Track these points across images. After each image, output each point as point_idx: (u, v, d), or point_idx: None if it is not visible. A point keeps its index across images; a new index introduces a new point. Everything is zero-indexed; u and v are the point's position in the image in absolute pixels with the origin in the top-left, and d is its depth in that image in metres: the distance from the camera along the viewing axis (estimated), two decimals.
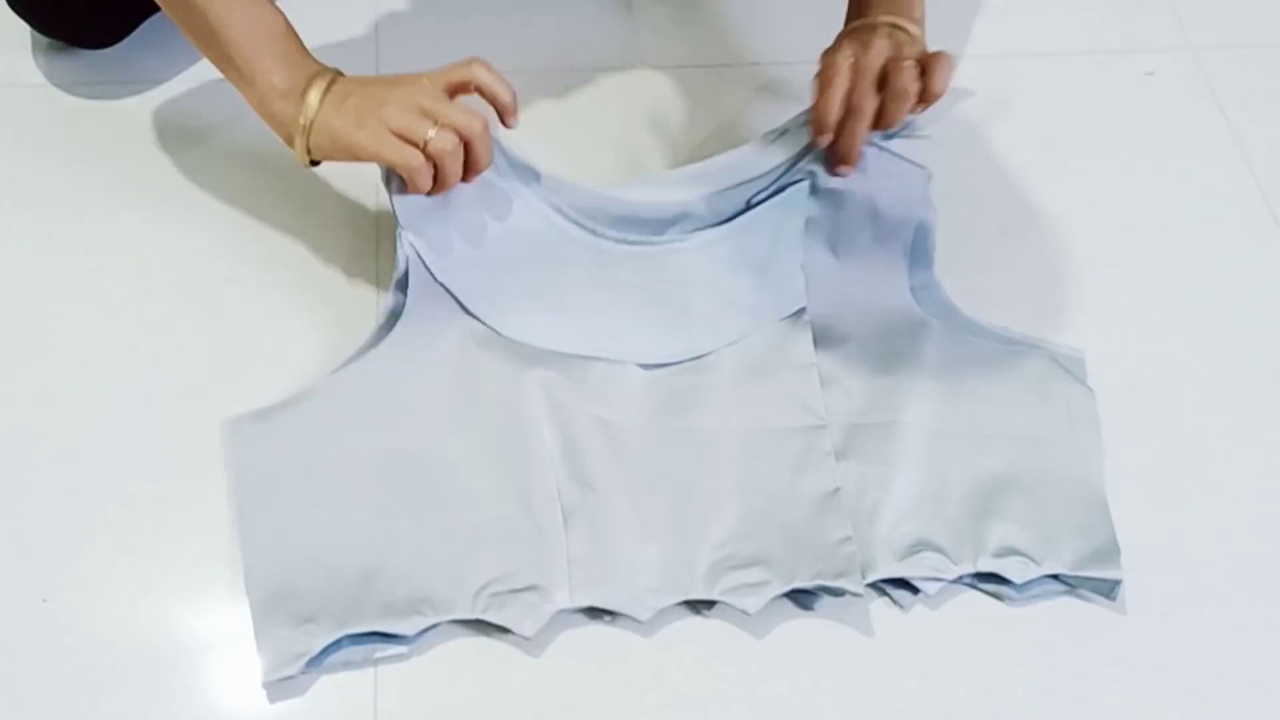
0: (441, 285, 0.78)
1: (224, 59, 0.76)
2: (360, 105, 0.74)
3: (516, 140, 0.92)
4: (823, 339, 0.82)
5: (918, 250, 0.84)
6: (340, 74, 0.77)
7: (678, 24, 0.89)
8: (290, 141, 0.76)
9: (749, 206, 0.84)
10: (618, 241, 0.82)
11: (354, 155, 0.74)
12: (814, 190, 0.83)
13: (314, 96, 0.74)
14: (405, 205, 0.76)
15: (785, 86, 0.96)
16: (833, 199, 0.83)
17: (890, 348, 0.82)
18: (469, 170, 0.75)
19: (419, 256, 0.77)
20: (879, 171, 0.83)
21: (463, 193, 0.77)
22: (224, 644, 0.72)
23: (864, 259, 0.84)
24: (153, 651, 0.72)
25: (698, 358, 0.80)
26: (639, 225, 0.83)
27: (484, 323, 0.79)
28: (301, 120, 0.74)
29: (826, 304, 0.83)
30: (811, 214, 0.83)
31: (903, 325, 0.83)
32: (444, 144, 0.72)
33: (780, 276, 0.83)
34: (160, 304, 0.84)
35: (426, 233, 0.77)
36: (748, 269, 0.83)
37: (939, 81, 0.78)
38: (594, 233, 0.82)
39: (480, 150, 0.74)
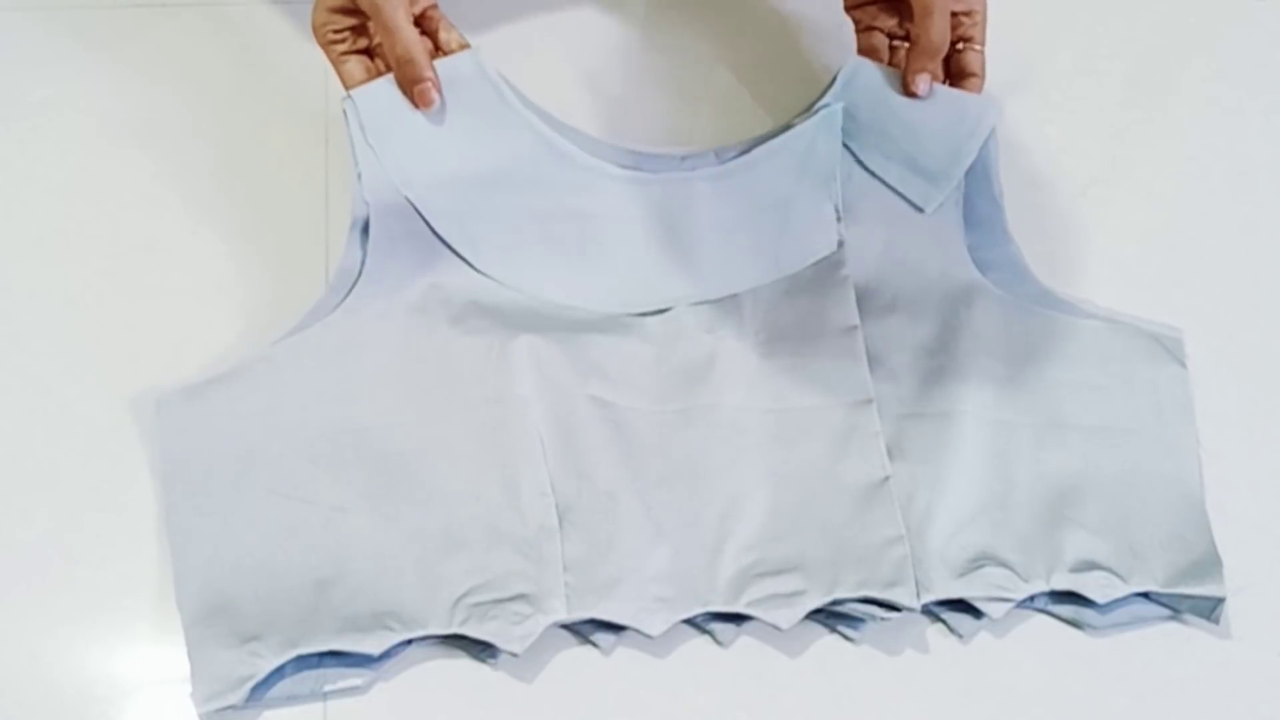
0: (406, 200, 0.72)
1: None
2: None
3: None
4: (865, 309, 0.75)
5: (977, 196, 0.77)
6: None
7: (680, 24, 0.87)
8: None
9: (758, 143, 0.78)
10: (615, 164, 0.76)
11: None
12: (849, 117, 0.77)
13: None
14: (366, 108, 0.71)
15: (788, 84, 0.91)
16: (873, 129, 0.77)
17: (945, 321, 0.75)
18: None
19: (377, 166, 0.71)
20: (932, 102, 0.77)
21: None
22: (153, 685, 0.66)
23: (912, 208, 0.77)
24: (66, 698, 0.66)
25: (712, 302, 0.74)
26: (638, 158, 0.77)
27: (454, 250, 0.72)
28: None
29: (867, 265, 0.76)
30: (848, 143, 0.77)
31: (959, 293, 0.76)
32: None
33: (807, 214, 0.76)
34: (65, 275, 0.76)
35: (388, 140, 0.72)
36: (767, 206, 0.76)
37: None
38: (589, 153, 0.76)
39: None
